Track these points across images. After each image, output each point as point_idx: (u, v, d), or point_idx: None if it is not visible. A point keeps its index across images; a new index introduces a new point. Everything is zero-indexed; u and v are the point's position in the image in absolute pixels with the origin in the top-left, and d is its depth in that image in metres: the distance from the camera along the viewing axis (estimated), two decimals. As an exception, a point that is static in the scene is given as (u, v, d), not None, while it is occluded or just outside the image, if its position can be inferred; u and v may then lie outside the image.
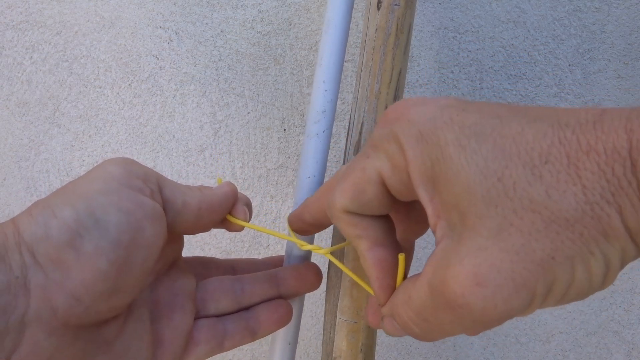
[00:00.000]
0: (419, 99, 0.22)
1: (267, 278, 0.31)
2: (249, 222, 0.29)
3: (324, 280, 0.34)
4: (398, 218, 0.26)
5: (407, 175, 0.20)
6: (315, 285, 0.32)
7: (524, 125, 0.18)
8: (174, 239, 0.28)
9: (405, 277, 0.23)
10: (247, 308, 0.30)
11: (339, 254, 0.33)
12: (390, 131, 0.21)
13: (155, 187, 0.25)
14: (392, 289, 0.23)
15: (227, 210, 0.29)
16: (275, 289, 0.31)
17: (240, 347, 0.57)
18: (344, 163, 0.34)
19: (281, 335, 0.33)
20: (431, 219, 0.20)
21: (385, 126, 0.22)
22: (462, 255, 0.18)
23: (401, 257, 0.23)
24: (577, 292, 0.18)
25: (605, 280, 0.17)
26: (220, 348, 0.29)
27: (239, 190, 0.30)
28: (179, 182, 0.35)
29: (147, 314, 0.26)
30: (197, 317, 0.29)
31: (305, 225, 0.30)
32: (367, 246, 0.23)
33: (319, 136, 0.33)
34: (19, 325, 0.20)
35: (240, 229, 0.30)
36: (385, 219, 0.24)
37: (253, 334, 0.30)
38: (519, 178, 0.17)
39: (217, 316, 0.30)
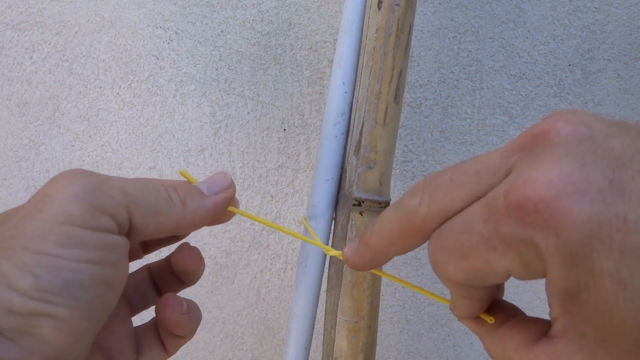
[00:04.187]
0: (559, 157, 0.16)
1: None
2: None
3: (325, 280, 0.34)
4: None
5: (538, 276, 0.18)
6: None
7: None
8: None
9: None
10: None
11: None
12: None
13: (125, 218, 0.21)
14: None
15: (214, 221, 0.26)
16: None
17: (240, 347, 0.57)
18: (344, 163, 0.34)
19: (295, 340, 0.33)
20: (555, 315, 0.18)
21: (516, 193, 0.16)
22: None
23: (491, 321, 0.22)
24: None
25: None
26: (165, 354, 0.27)
27: (238, 190, 0.28)
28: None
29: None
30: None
31: (371, 255, 0.23)
32: (469, 304, 0.22)
33: (338, 138, 0.33)
34: None
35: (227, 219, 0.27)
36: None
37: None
38: None
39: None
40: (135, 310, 0.27)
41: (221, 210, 0.25)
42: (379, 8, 0.32)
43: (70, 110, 0.54)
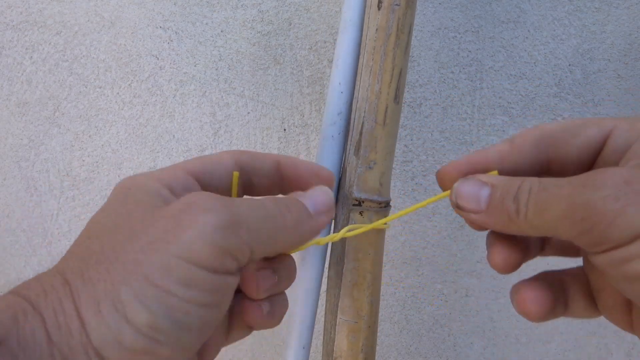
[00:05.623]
0: None
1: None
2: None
3: (325, 280, 0.34)
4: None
5: None
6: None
7: None
8: None
9: None
10: None
11: (339, 251, 0.33)
12: None
13: (247, 257, 0.21)
14: None
15: None
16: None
17: (240, 347, 0.57)
18: (344, 163, 0.34)
19: (296, 339, 0.33)
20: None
21: None
22: None
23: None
24: None
25: None
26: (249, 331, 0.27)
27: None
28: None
29: None
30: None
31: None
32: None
33: (335, 138, 0.33)
34: None
35: None
36: None
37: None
38: None
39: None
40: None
41: (320, 231, 0.24)
42: (379, 8, 0.32)
43: (70, 110, 0.54)
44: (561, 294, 0.24)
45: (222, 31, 0.51)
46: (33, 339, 0.17)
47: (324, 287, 0.34)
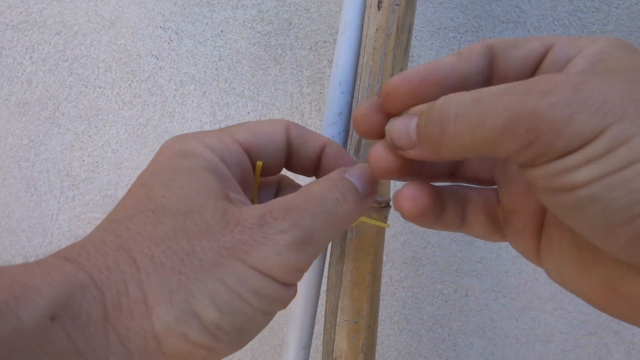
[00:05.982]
0: None
1: None
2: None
3: (324, 280, 0.34)
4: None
5: None
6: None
7: None
8: None
9: None
10: None
11: (339, 251, 0.33)
12: None
13: (309, 266, 0.22)
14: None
15: None
16: None
17: (241, 347, 0.57)
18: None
19: (295, 340, 0.33)
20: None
21: None
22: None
23: None
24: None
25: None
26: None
27: None
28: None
29: None
30: None
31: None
32: None
33: (335, 138, 0.33)
34: None
35: None
36: None
37: None
38: None
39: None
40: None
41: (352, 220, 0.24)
42: (379, 8, 0.32)
43: (70, 110, 0.54)
44: (454, 204, 0.23)
45: (222, 31, 0.51)
46: (89, 317, 0.17)
47: (324, 287, 0.34)
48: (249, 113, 0.52)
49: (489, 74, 0.21)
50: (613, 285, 0.18)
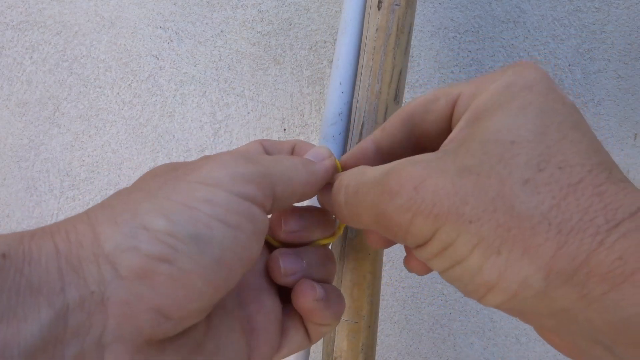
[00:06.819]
0: None
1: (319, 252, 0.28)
2: None
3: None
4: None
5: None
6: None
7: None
8: None
9: None
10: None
11: (339, 251, 0.33)
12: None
13: (270, 191, 0.21)
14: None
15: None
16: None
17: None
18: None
19: None
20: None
21: None
22: (427, 164, 0.19)
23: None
24: (451, 261, 0.18)
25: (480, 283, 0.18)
26: (307, 340, 0.26)
27: None
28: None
29: (233, 301, 0.24)
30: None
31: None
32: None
33: (335, 138, 0.33)
34: (96, 347, 0.17)
35: None
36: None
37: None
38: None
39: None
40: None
41: (329, 176, 0.26)
42: (379, 8, 0.32)
43: (70, 110, 0.54)
44: None
45: (222, 31, 0.51)
46: (39, 253, 0.17)
47: (324, 287, 0.34)
48: (249, 113, 0.52)
49: (414, 139, 0.25)
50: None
